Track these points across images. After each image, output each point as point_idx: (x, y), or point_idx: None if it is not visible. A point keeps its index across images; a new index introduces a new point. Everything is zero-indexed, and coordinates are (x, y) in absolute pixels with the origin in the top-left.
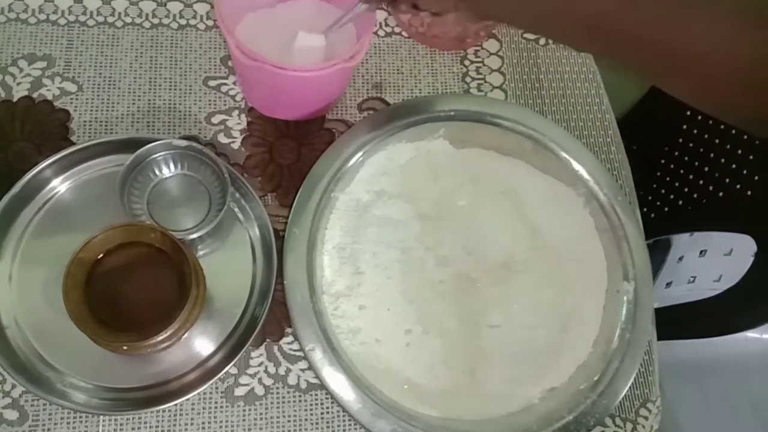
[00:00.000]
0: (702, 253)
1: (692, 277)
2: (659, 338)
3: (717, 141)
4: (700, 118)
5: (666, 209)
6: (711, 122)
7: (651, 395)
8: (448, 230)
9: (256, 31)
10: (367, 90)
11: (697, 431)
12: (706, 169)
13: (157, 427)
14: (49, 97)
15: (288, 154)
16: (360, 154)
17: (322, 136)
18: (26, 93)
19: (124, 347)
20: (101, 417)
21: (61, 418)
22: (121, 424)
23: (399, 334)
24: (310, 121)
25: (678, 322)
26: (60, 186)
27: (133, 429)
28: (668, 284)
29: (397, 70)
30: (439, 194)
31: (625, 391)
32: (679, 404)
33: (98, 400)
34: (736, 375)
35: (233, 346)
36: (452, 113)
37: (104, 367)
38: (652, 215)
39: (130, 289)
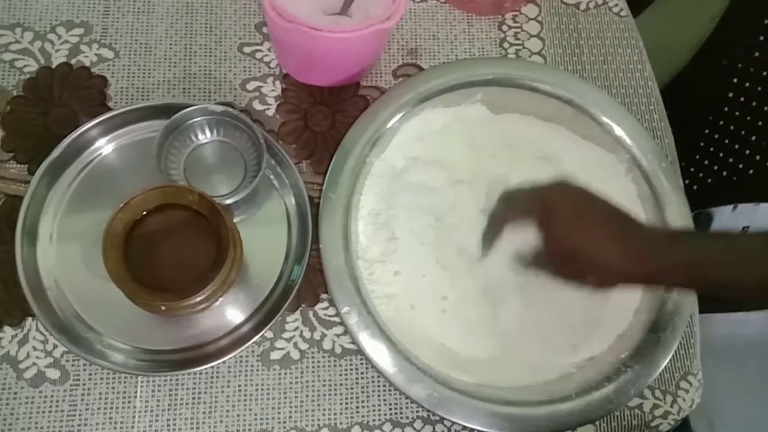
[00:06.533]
0: (744, 229)
1: None
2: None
3: (766, 108)
4: (747, 84)
5: (709, 180)
6: (760, 89)
7: (692, 368)
8: (484, 197)
9: None
10: (402, 56)
11: (734, 409)
12: (753, 138)
13: (194, 388)
14: (87, 64)
15: (322, 121)
16: (395, 119)
17: (356, 103)
18: (64, 59)
19: (162, 307)
20: (139, 378)
21: (101, 378)
22: (158, 385)
23: (434, 301)
24: (344, 87)
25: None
26: (99, 151)
27: (170, 390)
28: None
29: (433, 35)
30: (476, 161)
31: (666, 363)
32: (717, 382)
33: (136, 361)
34: None
35: (269, 310)
36: (490, 77)
37: (142, 329)
38: (694, 187)
39: (168, 251)
